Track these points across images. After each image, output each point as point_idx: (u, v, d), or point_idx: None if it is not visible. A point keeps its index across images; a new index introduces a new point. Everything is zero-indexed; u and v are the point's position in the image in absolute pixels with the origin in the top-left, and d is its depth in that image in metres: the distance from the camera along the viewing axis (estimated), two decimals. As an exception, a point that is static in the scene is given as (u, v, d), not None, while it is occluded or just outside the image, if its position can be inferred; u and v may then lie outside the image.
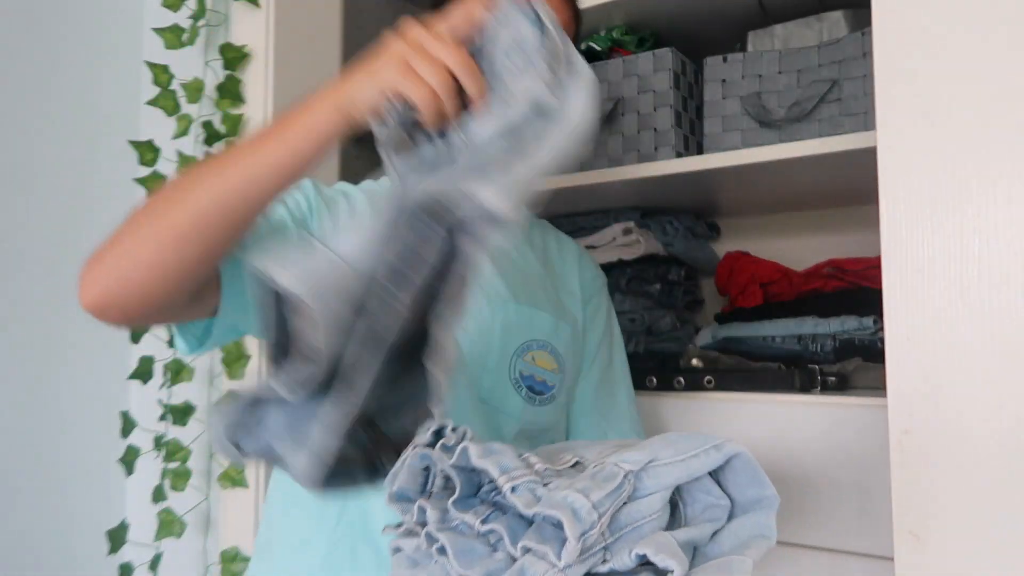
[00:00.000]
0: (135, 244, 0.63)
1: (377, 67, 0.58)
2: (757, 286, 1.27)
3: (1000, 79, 0.65)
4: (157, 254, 0.62)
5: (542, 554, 0.46)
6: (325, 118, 0.59)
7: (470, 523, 0.49)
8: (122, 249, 0.64)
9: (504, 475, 0.48)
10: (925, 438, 0.66)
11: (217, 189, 0.60)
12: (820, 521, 0.94)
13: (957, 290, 0.65)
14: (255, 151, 0.60)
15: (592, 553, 0.46)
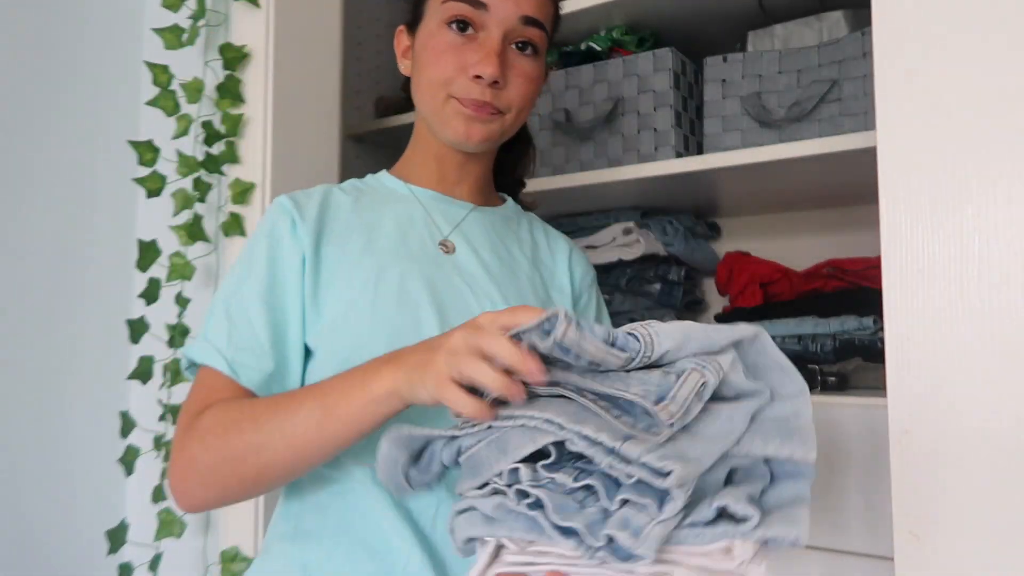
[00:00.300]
0: (226, 493, 0.74)
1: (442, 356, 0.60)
2: (757, 286, 1.27)
3: (1000, 79, 0.65)
4: (246, 492, 0.75)
5: (643, 506, 0.50)
6: (387, 406, 0.66)
7: (561, 481, 0.53)
8: (218, 490, 0.74)
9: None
10: (925, 438, 0.66)
11: (289, 454, 0.70)
12: (820, 521, 0.94)
13: (957, 290, 0.65)
14: (322, 429, 0.69)
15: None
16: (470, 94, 0.83)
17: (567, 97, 1.26)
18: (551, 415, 0.53)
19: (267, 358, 0.77)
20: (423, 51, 0.86)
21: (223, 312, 0.79)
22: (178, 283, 1.34)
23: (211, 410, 0.74)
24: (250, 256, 0.82)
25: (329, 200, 0.87)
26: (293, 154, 1.33)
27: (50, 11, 1.53)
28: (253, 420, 0.72)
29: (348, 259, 0.82)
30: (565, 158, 1.26)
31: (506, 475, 0.55)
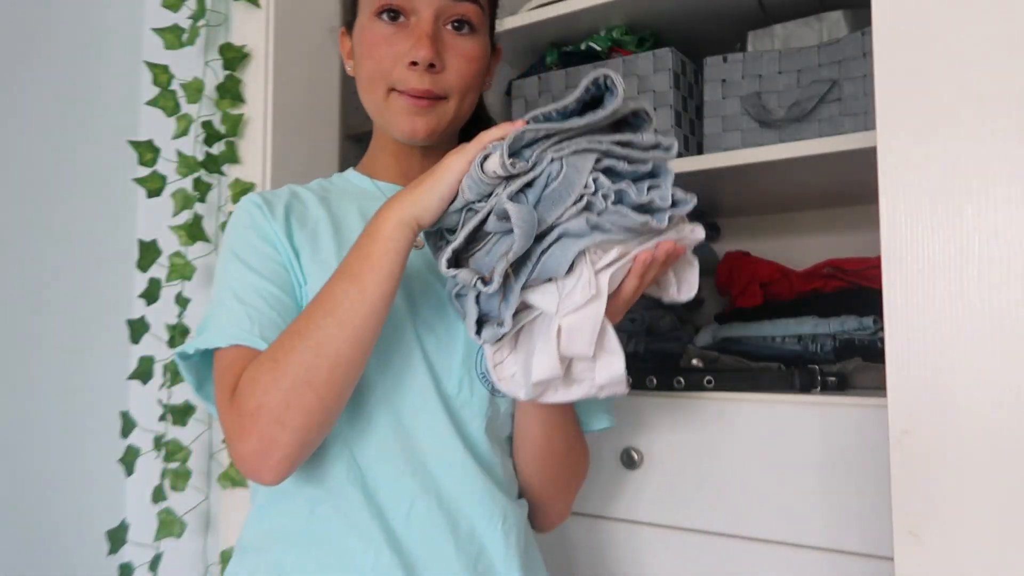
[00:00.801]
0: (308, 419, 0.71)
1: (439, 166, 0.70)
2: (757, 286, 1.27)
3: (1000, 79, 0.65)
4: (325, 406, 0.71)
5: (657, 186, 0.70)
6: (397, 243, 0.70)
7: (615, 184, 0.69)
8: (299, 417, 0.70)
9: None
10: (925, 438, 0.66)
11: (348, 334, 0.70)
12: (820, 521, 0.94)
13: (957, 290, 0.65)
14: (363, 295, 0.70)
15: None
16: (409, 83, 0.81)
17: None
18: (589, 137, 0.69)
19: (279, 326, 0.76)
20: (359, 47, 0.85)
21: (232, 299, 0.77)
22: (178, 283, 1.34)
23: (247, 370, 0.72)
24: (239, 249, 0.81)
25: (294, 199, 0.86)
26: (293, 154, 1.33)
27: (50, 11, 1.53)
28: (297, 334, 0.71)
29: (320, 256, 0.81)
30: (565, 158, 1.26)
31: (592, 184, 0.67)
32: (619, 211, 0.67)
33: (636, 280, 0.71)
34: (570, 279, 0.68)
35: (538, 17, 1.22)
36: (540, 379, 0.69)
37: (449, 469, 0.79)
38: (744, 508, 0.99)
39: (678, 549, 1.03)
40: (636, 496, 1.07)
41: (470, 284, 0.67)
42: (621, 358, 0.70)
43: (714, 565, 1.01)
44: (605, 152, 0.69)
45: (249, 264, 0.80)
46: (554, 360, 0.68)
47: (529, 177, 0.67)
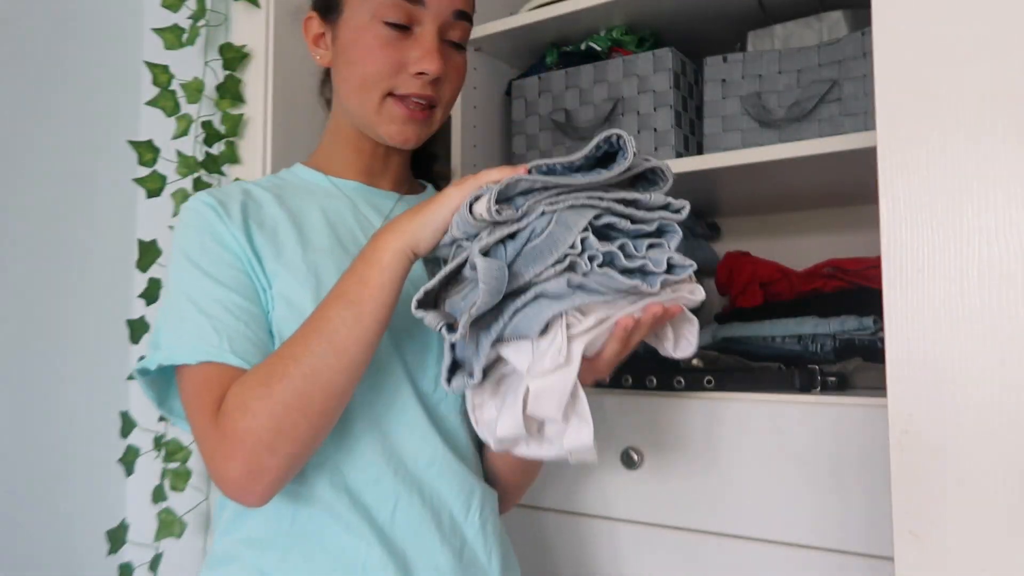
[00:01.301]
0: (299, 446, 0.71)
1: (438, 197, 0.70)
2: (757, 286, 1.27)
3: (1000, 79, 0.65)
4: (316, 433, 0.72)
5: (659, 245, 0.70)
6: (394, 271, 0.70)
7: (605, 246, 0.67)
8: (289, 445, 0.70)
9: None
10: (925, 438, 0.66)
11: (343, 363, 0.70)
12: (820, 521, 0.94)
13: (957, 290, 0.65)
14: (359, 321, 0.70)
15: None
16: (410, 88, 0.82)
17: (567, 97, 1.26)
18: (589, 193, 0.67)
19: (262, 342, 0.75)
20: (353, 46, 0.83)
21: (193, 310, 0.75)
22: (178, 283, 1.34)
23: (233, 390, 0.70)
24: (195, 255, 0.78)
25: (248, 198, 0.83)
26: (293, 154, 1.33)
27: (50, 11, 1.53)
28: (291, 359, 0.69)
29: (284, 258, 0.80)
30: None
31: (579, 244, 0.65)
32: (606, 273, 0.65)
33: (617, 344, 0.70)
34: (544, 340, 0.66)
35: (538, 17, 1.22)
36: (503, 436, 0.69)
37: (429, 465, 0.80)
38: (744, 508, 0.99)
39: (678, 549, 1.03)
40: (636, 496, 1.07)
41: (435, 328, 0.66)
42: (590, 427, 0.68)
43: (714, 565, 1.01)
44: (606, 209, 0.67)
45: (207, 272, 0.77)
46: (518, 419, 0.67)
47: (511, 229, 0.65)
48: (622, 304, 0.68)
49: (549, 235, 0.65)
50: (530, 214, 0.65)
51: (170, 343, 0.74)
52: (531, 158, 1.29)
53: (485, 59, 1.34)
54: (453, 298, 0.69)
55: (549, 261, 0.65)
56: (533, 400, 0.66)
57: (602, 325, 0.67)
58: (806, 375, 1.02)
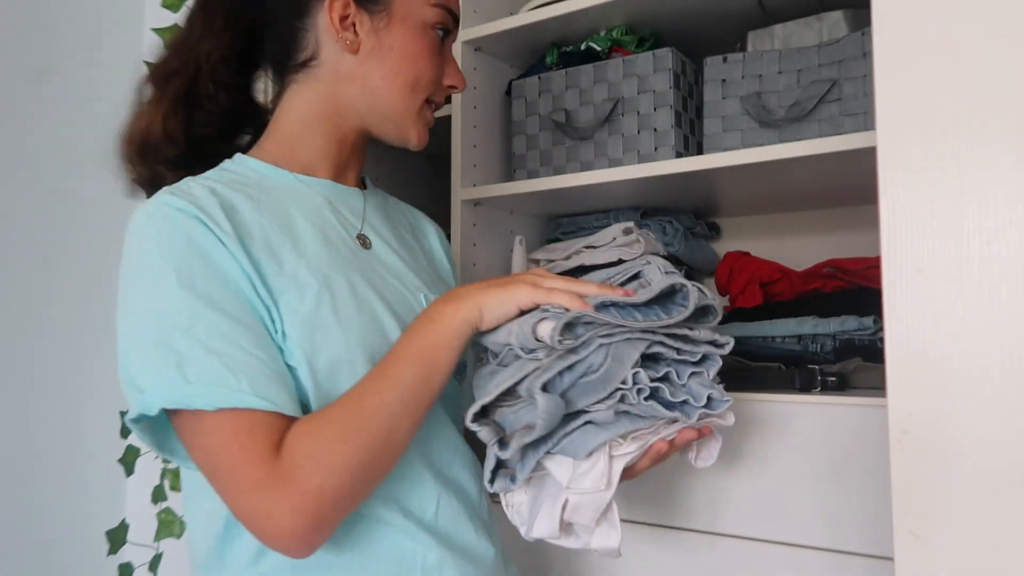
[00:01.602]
0: (363, 498, 0.71)
1: (510, 287, 0.73)
2: (757, 286, 1.27)
3: (1000, 79, 0.65)
4: (379, 483, 0.72)
5: (699, 374, 0.75)
6: (461, 339, 0.73)
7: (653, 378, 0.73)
8: (360, 499, 0.71)
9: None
10: (925, 438, 0.66)
11: (411, 421, 0.72)
12: (820, 521, 0.94)
13: (957, 290, 0.65)
14: (429, 381, 0.71)
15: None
16: (439, 99, 0.87)
17: (567, 97, 1.26)
18: (644, 325, 0.71)
19: (282, 376, 0.69)
20: (411, 44, 0.82)
21: (200, 348, 0.66)
22: (178, 283, 1.34)
23: (300, 443, 0.66)
24: (184, 276, 0.68)
25: (223, 201, 0.74)
26: (293, 154, 1.33)
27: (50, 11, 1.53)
28: (367, 416, 0.68)
29: (287, 270, 0.74)
30: (565, 158, 1.26)
31: (631, 379, 0.70)
32: (652, 406, 0.71)
33: (649, 462, 0.76)
34: (587, 462, 0.71)
35: (538, 17, 1.22)
36: (538, 537, 0.74)
37: (453, 456, 0.83)
38: (744, 508, 0.99)
39: (677, 549, 1.03)
40: (636, 496, 1.07)
41: (489, 442, 0.71)
42: (619, 534, 0.74)
43: (714, 565, 1.01)
44: (658, 341, 0.72)
45: (204, 298, 0.68)
46: (555, 525, 0.72)
47: (570, 361, 0.70)
48: (659, 426, 0.74)
49: (605, 372, 0.70)
50: (589, 345, 0.70)
51: (166, 384, 0.65)
52: (531, 158, 1.29)
53: (485, 59, 1.34)
54: (503, 409, 0.73)
55: (603, 395, 0.70)
56: (571, 510, 0.72)
57: (640, 450, 0.73)
58: (806, 375, 1.02)
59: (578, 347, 0.69)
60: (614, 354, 0.70)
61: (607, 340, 0.70)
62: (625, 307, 0.72)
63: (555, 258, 1.34)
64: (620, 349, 0.70)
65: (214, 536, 0.75)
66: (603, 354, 0.70)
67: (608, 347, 0.70)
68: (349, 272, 0.79)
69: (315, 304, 0.73)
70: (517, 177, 1.31)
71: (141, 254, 0.71)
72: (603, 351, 0.70)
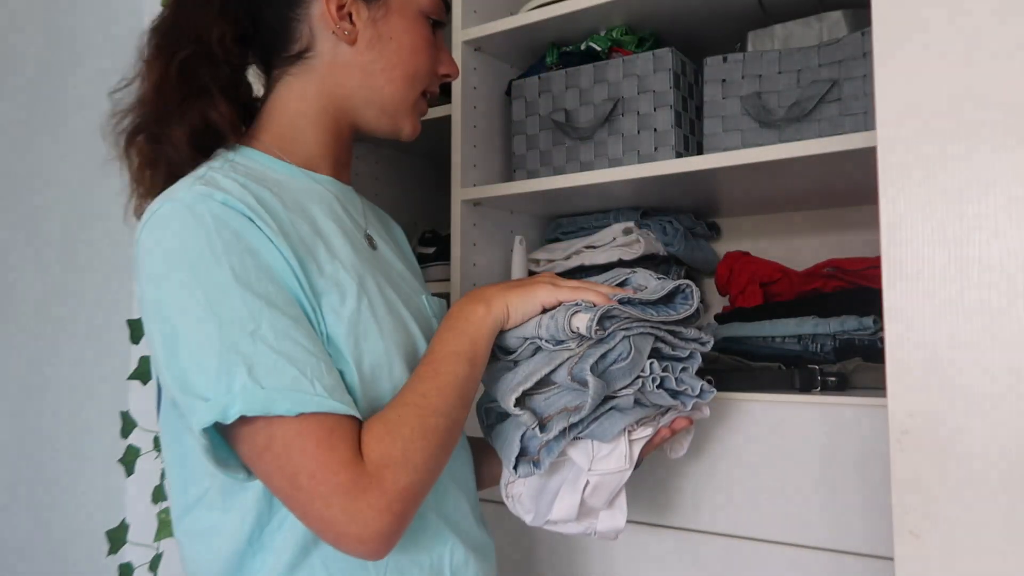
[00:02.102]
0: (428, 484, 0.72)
1: (532, 287, 0.79)
2: (757, 286, 1.27)
3: (1000, 79, 0.65)
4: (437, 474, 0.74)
5: (687, 367, 0.83)
6: (493, 336, 0.78)
7: (660, 369, 0.81)
8: (422, 488, 0.71)
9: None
10: (925, 438, 0.66)
11: (465, 415, 0.75)
12: (820, 521, 0.94)
13: (957, 290, 0.65)
14: (473, 373, 0.75)
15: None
16: (434, 89, 0.87)
17: (567, 97, 1.26)
18: (658, 319, 0.79)
19: (338, 379, 0.68)
20: (408, 35, 0.81)
21: (269, 351, 0.63)
22: (178, 283, 1.34)
23: (384, 443, 0.66)
24: (240, 274, 0.65)
25: (260, 198, 0.71)
26: (293, 154, 1.33)
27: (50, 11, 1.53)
28: (438, 414, 0.71)
29: (327, 271, 0.72)
30: (565, 158, 1.26)
31: (647, 368, 0.78)
32: (660, 394, 0.79)
33: (651, 448, 0.83)
34: (607, 445, 0.79)
35: (538, 17, 1.22)
36: (557, 518, 0.80)
37: (457, 458, 0.85)
38: (744, 508, 0.99)
39: (678, 549, 1.03)
40: (636, 496, 1.07)
41: (530, 426, 0.77)
42: (624, 516, 0.82)
43: (714, 565, 1.01)
44: (660, 337, 0.80)
45: (262, 296, 0.65)
46: (575, 507, 0.79)
47: (603, 350, 0.76)
48: (657, 414, 0.82)
49: (632, 360, 0.77)
50: (615, 336, 0.77)
51: (248, 392, 0.62)
52: (531, 158, 1.29)
53: (485, 59, 1.34)
54: (535, 397, 0.79)
55: (627, 381, 0.77)
56: (591, 491, 0.78)
57: (651, 434, 0.81)
58: (806, 375, 1.02)
59: (606, 338, 0.76)
60: (636, 345, 0.77)
61: (628, 332, 0.77)
62: (639, 305, 0.79)
63: (555, 258, 1.34)
64: (638, 342, 0.78)
65: (230, 554, 0.71)
66: (628, 345, 0.76)
67: (630, 338, 0.77)
68: (374, 273, 0.78)
69: (356, 306, 0.72)
70: (517, 177, 1.31)
71: (186, 250, 0.65)
72: (627, 342, 0.77)
